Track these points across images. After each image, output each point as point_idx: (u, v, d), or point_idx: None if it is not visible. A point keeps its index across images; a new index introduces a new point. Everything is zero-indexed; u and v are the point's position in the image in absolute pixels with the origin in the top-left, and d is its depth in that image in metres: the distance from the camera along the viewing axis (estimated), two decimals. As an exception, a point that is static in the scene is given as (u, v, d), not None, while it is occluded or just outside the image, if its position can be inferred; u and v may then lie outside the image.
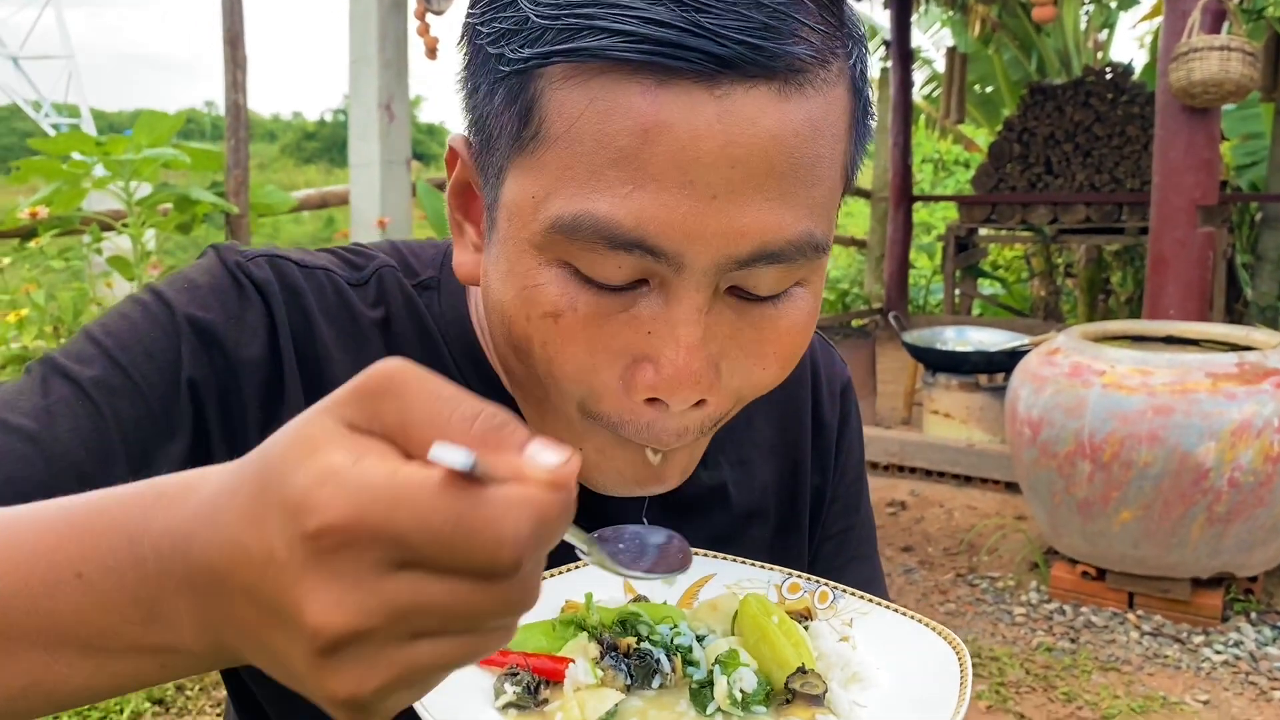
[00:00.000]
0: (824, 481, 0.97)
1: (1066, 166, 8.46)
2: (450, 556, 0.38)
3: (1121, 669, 3.25)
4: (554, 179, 0.61)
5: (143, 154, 4.04)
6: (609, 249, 0.61)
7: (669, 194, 0.59)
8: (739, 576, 0.80)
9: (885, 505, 4.56)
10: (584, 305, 0.63)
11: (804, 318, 0.69)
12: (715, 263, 0.62)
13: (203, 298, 0.74)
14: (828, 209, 0.66)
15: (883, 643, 0.72)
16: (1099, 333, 3.89)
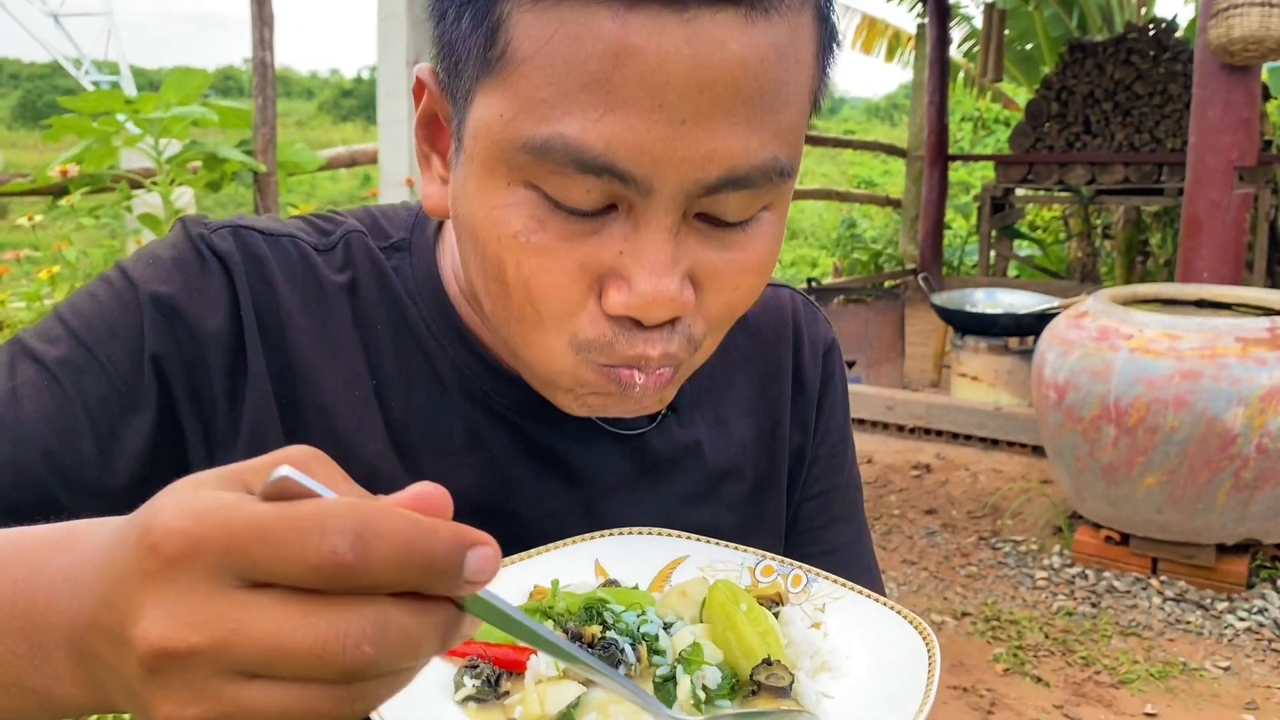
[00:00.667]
0: (804, 441, 0.97)
1: (1105, 126, 8.31)
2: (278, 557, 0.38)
3: (1142, 634, 3.24)
4: (523, 100, 0.61)
5: (172, 112, 4.06)
6: (578, 172, 0.61)
7: (639, 118, 0.59)
8: (713, 558, 0.79)
9: (910, 468, 4.55)
10: (553, 227, 0.64)
11: (770, 243, 0.69)
12: (684, 188, 0.62)
13: (165, 272, 0.75)
14: (794, 134, 0.66)
15: (854, 630, 0.71)
16: (1128, 296, 3.84)
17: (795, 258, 14.45)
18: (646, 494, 0.88)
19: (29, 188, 4.03)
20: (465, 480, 0.82)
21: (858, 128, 38.48)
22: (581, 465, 0.85)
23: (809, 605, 0.75)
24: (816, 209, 16.62)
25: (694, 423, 0.90)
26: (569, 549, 0.78)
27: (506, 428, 0.83)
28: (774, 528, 0.96)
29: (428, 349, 0.82)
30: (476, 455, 0.82)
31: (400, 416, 0.81)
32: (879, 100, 46.67)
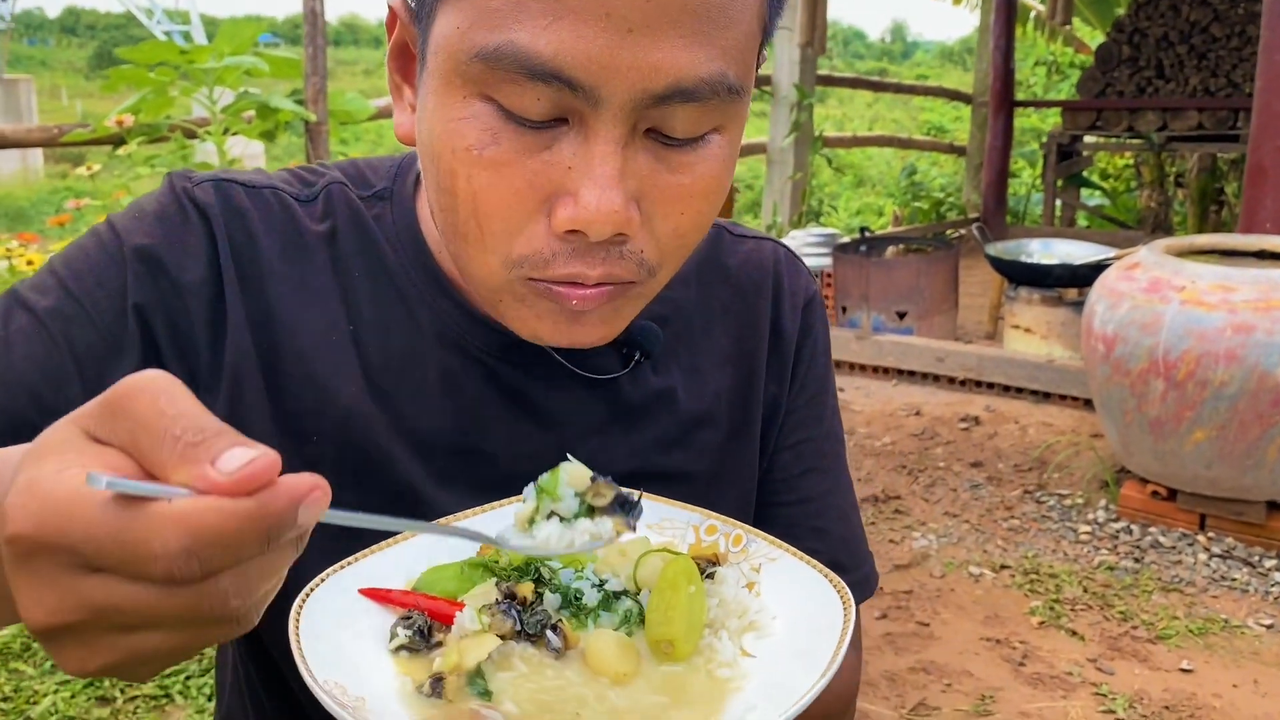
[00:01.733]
0: (780, 392, 0.98)
1: (1179, 70, 8.04)
2: (119, 566, 0.41)
3: (1184, 590, 3.20)
4: (478, 11, 0.63)
5: (225, 62, 4.12)
6: (528, 79, 0.63)
7: (587, 26, 0.61)
8: (661, 516, 0.81)
9: (958, 420, 4.51)
10: (506, 140, 0.66)
11: (719, 164, 0.70)
12: (631, 97, 0.64)
13: (149, 225, 0.79)
14: (743, 54, 0.67)
15: (785, 591, 0.73)
16: (1184, 247, 3.74)
17: (861, 205, 14.24)
18: (619, 438, 0.90)
19: (89, 137, 4.13)
20: (441, 422, 0.85)
21: (930, 72, 37.61)
22: (554, 408, 0.87)
23: (745, 565, 0.76)
24: (884, 156, 16.34)
25: (669, 370, 0.92)
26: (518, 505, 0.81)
27: (481, 371, 0.85)
28: (747, 474, 0.97)
29: (405, 294, 0.85)
30: (451, 398, 0.85)
31: (377, 360, 0.84)
32: (953, 44, 45.51)
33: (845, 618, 0.67)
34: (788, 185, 7.54)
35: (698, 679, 0.67)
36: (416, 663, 0.66)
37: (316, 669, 0.60)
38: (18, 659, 2.71)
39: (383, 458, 0.83)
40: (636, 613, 0.71)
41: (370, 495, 0.83)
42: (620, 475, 0.89)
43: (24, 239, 3.70)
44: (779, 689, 0.64)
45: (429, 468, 0.84)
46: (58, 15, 68.96)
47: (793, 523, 0.98)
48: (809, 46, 6.73)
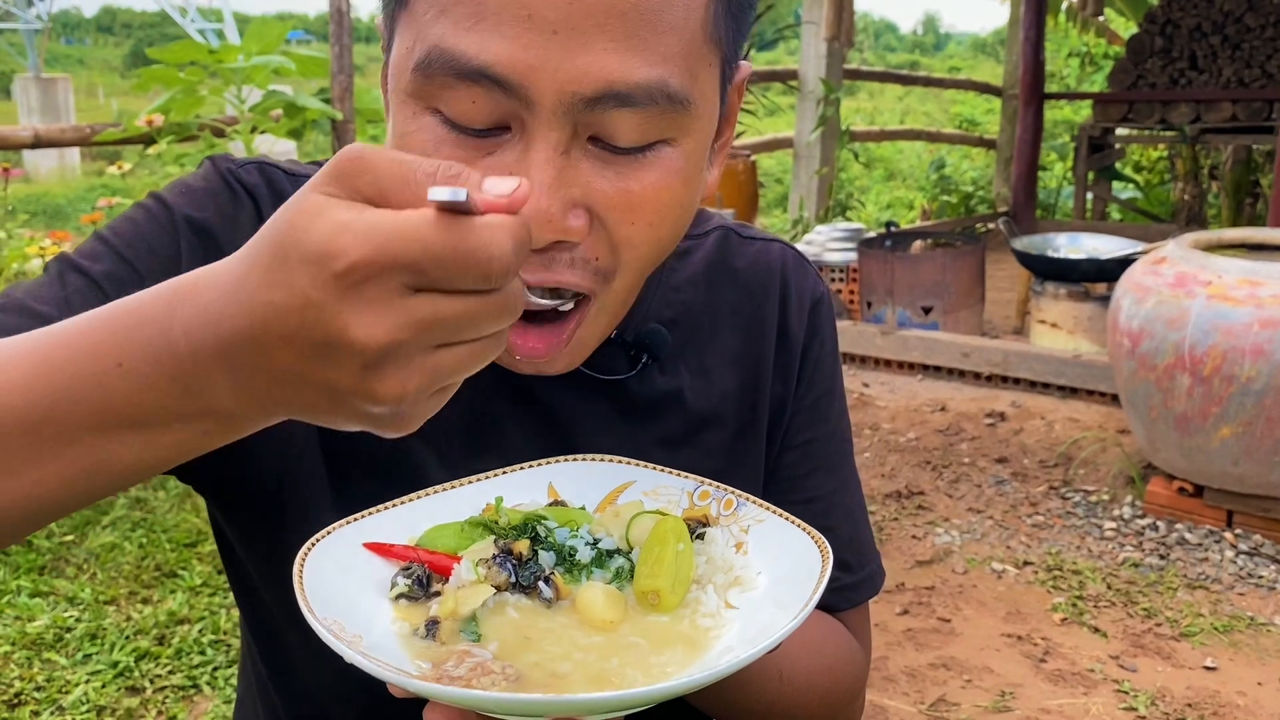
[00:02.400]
0: (787, 392, 0.98)
1: (1213, 61, 7.93)
2: (454, 277, 0.47)
3: (1210, 588, 3.18)
4: (416, 28, 0.66)
5: (252, 61, 4.17)
6: (457, 80, 0.65)
7: (509, 26, 0.63)
8: (657, 483, 0.83)
9: (984, 416, 4.49)
10: (448, 148, 0.68)
11: (670, 176, 0.71)
12: (561, 100, 0.65)
13: (199, 199, 0.82)
14: (686, 61, 0.67)
15: (770, 549, 0.76)
16: (1212, 241, 3.71)
17: (892, 199, 14.16)
18: (626, 437, 0.91)
19: (120, 137, 4.19)
20: (456, 420, 0.86)
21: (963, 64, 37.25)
22: (563, 408, 0.89)
23: (735, 527, 0.79)
24: (915, 150, 16.23)
25: (677, 371, 0.93)
26: (526, 472, 0.84)
27: (492, 369, 0.87)
28: (753, 475, 0.98)
29: None
30: (464, 390, 0.87)
31: None
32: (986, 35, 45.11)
33: (823, 568, 0.69)
34: (814, 180, 7.52)
35: (680, 627, 0.70)
36: (414, 610, 0.70)
37: (317, 608, 0.63)
38: (50, 649, 2.76)
39: (400, 452, 0.86)
40: (628, 569, 0.74)
41: (387, 485, 0.85)
42: None
43: (56, 236, 3.76)
44: (756, 634, 0.67)
45: (444, 462, 0.87)
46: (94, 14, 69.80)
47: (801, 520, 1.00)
48: (835, 40, 6.70)
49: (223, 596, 3.04)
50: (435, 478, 0.86)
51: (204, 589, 3.07)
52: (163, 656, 2.74)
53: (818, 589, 0.66)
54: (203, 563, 3.22)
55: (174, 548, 3.30)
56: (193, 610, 2.96)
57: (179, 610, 2.94)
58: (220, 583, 3.11)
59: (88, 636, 2.82)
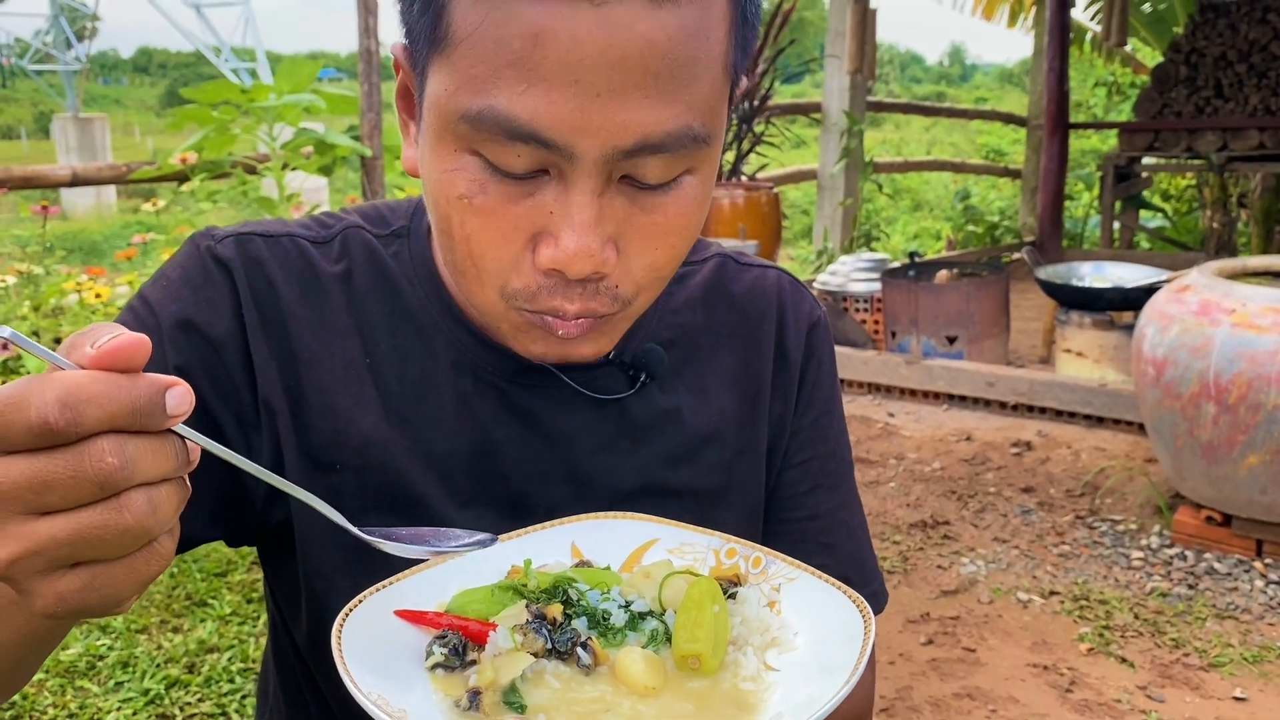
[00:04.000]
0: (786, 412, 1.01)
1: (1239, 89, 7.91)
2: (5, 427, 0.49)
3: (1240, 618, 3.15)
4: (462, 76, 0.69)
5: (284, 100, 4.26)
6: (508, 140, 0.68)
7: (557, 92, 0.67)
8: (681, 540, 0.84)
9: (1010, 446, 4.47)
10: (493, 189, 0.71)
11: (692, 204, 0.75)
12: (603, 153, 0.69)
13: (176, 291, 0.86)
14: (710, 104, 0.72)
15: (804, 608, 0.76)
16: (1236, 269, 3.70)
17: (918, 229, 14.15)
18: (627, 455, 0.94)
19: (155, 174, 4.29)
20: (456, 444, 0.90)
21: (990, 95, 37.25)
22: (563, 428, 0.92)
23: (765, 585, 0.79)
24: (941, 179, 16.24)
25: (675, 390, 0.96)
26: (548, 531, 0.84)
27: (494, 394, 0.90)
28: (752, 492, 1.01)
29: (421, 325, 0.90)
30: (466, 421, 0.90)
31: (395, 389, 0.89)
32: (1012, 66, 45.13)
33: (865, 631, 0.69)
34: (839, 211, 7.55)
35: (723, 689, 0.70)
36: (451, 680, 0.70)
37: (361, 682, 0.64)
38: (83, 677, 2.81)
39: (402, 480, 0.88)
40: (662, 632, 0.74)
41: (391, 516, 0.88)
42: (627, 491, 0.94)
43: (92, 272, 3.85)
44: (802, 699, 0.67)
45: (446, 487, 0.89)
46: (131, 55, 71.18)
47: (801, 539, 1.02)
48: (858, 74, 6.75)
49: (251, 625, 3.08)
50: (441, 508, 0.88)
51: (233, 618, 3.11)
52: (193, 684, 2.78)
53: (864, 653, 0.67)
54: (232, 592, 3.26)
55: (204, 577, 3.35)
56: (222, 639, 2.99)
57: (209, 639, 2.98)
58: (249, 612, 3.15)
59: (119, 665, 2.86)
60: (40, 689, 2.74)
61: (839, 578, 0.78)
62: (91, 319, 3.69)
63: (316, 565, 0.89)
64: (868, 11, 6.85)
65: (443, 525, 0.88)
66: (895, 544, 3.70)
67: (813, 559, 0.87)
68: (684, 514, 0.91)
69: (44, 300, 3.78)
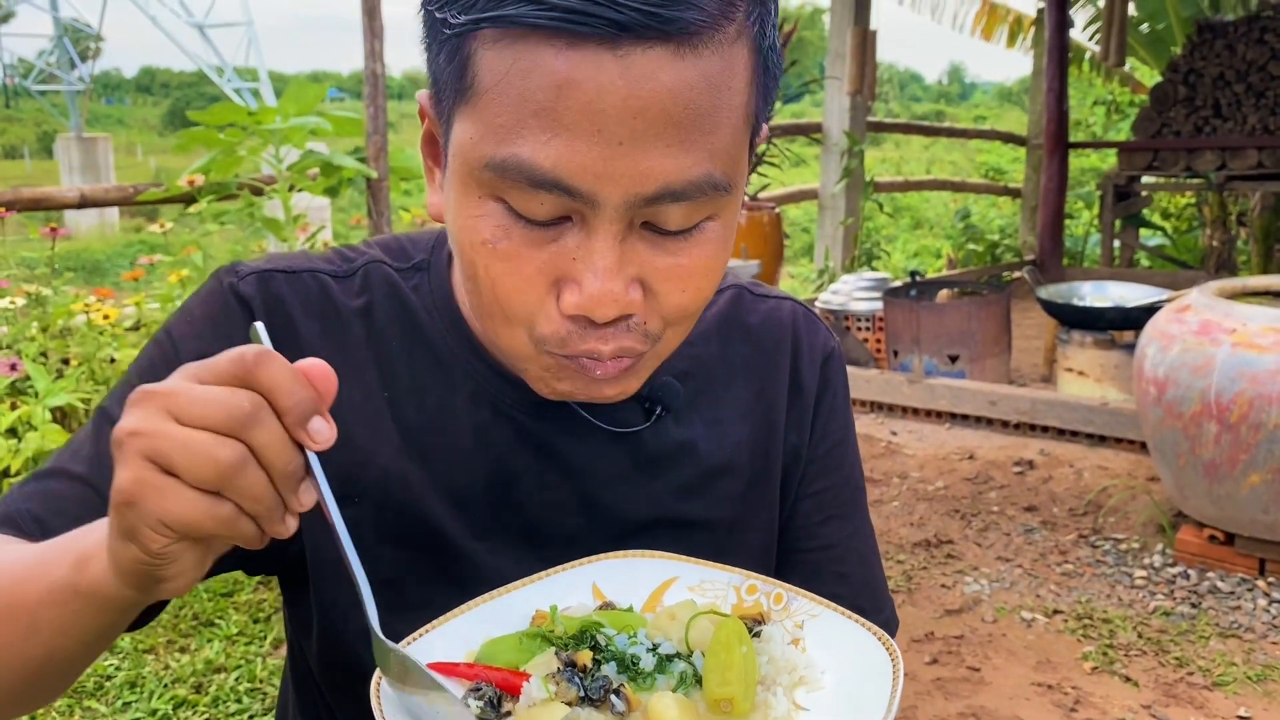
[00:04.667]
0: (801, 442, 1.03)
1: (1237, 109, 7.97)
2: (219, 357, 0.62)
3: (1243, 636, 3.16)
4: (487, 125, 0.71)
5: (290, 123, 4.30)
6: (532, 188, 0.70)
7: (580, 141, 0.68)
8: (702, 578, 0.85)
9: (1012, 465, 4.49)
10: (517, 235, 0.73)
11: (714, 249, 0.77)
12: (625, 200, 0.70)
13: (198, 328, 0.89)
14: (731, 153, 0.73)
15: (829, 646, 0.77)
16: (1236, 289, 3.72)
17: (919, 248, 14.21)
18: (642, 487, 0.95)
19: (162, 196, 4.32)
20: (474, 475, 0.91)
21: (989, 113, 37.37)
22: (579, 460, 0.93)
23: (789, 622, 0.80)
24: (942, 198, 16.30)
25: (691, 422, 0.97)
26: (569, 573, 0.85)
27: (511, 426, 0.92)
28: (767, 522, 1.02)
29: (440, 357, 0.92)
30: (484, 453, 0.92)
31: (413, 421, 0.91)
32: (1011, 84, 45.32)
33: (895, 670, 0.71)
34: (840, 230, 7.59)
35: None
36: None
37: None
38: (91, 697, 2.82)
39: (420, 512, 0.89)
40: (691, 674, 0.74)
41: (409, 549, 0.90)
42: (642, 521, 0.95)
43: (100, 294, 3.88)
44: None
45: (463, 519, 0.90)
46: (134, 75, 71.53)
47: (816, 568, 1.03)
48: (858, 94, 6.80)
49: (258, 645, 3.09)
50: (458, 539, 0.90)
51: (240, 638, 3.13)
52: (200, 704, 2.79)
53: (895, 693, 0.68)
54: (239, 612, 3.27)
55: (211, 597, 3.36)
56: (229, 659, 3.00)
57: (216, 659, 2.99)
58: (256, 632, 3.16)
59: (127, 685, 2.87)
60: (48, 710, 2.75)
61: (853, 606, 0.80)
62: (99, 340, 3.72)
63: (332, 598, 0.90)
64: (868, 34, 6.90)
65: (460, 556, 0.90)
66: (899, 563, 3.72)
67: (827, 587, 0.88)
68: (698, 544, 0.92)
69: (52, 321, 3.81)
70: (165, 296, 4.12)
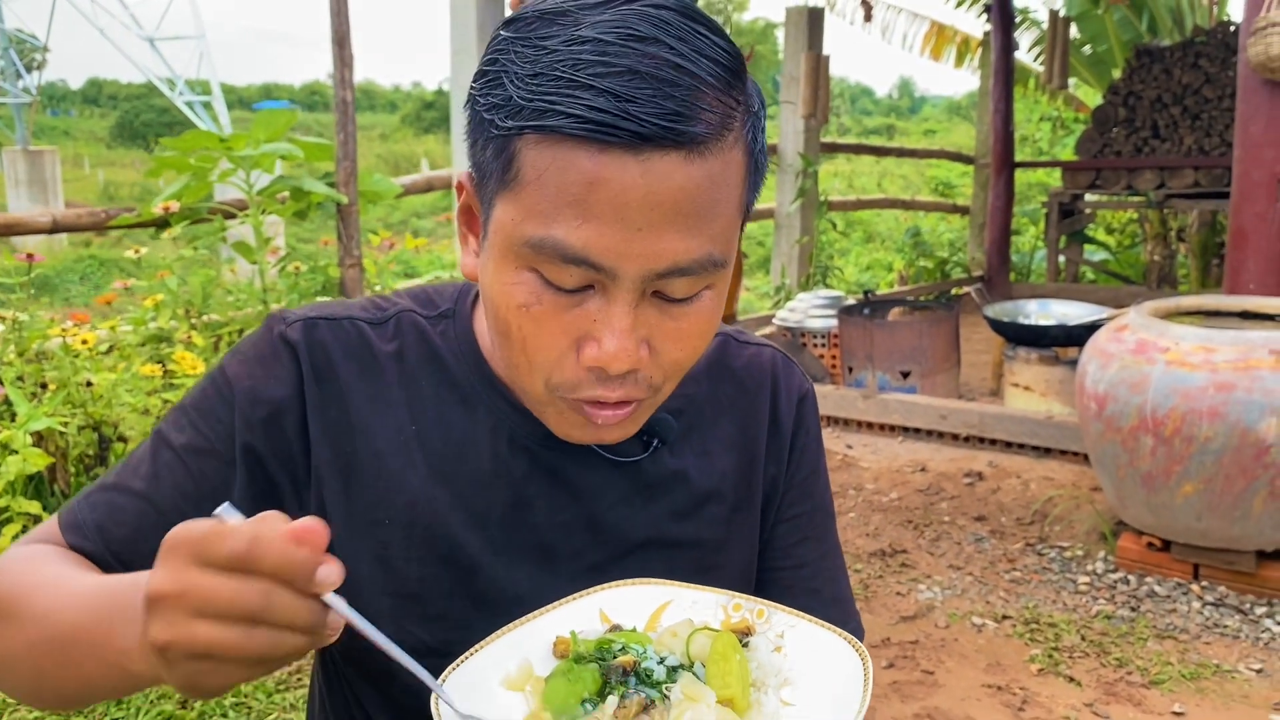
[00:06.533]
0: (779, 473, 1.17)
1: (1174, 130, 8.29)
2: (215, 555, 0.68)
3: (1178, 637, 3.35)
4: (528, 210, 0.85)
5: (261, 149, 4.40)
6: (564, 263, 0.84)
7: (606, 226, 0.83)
8: (694, 599, 0.98)
9: (962, 476, 4.68)
10: (547, 301, 0.87)
11: (708, 313, 0.92)
12: (640, 274, 0.85)
13: (250, 367, 1.02)
14: (726, 235, 0.89)
15: (808, 651, 0.91)
16: (1171, 309, 3.94)
17: (870, 261, 14.48)
18: (640, 510, 1.09)
19: (135, 221, 4.40)
20: (493, 499, 1.05)
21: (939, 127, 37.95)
22: (586, 485, 1.07)
23: (771, 633, 0.94)
24: (893, 212, 16.60)
25: (683, 454, 1.12)
26: (577, 603, 0.97)
27: (527, 456, 1.06)
28: (749, 542, 1.17)
29: (465, 395, 1.05)
30: (502, 479, 1.06)
31: (439, 451, 1.04)
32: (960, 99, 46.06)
33: (865, 670, 0.84)
34: (795, 248, 7.78)
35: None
36: None
37: None
38: (77, 715, 2.90)
39: (445, 532, 1.03)
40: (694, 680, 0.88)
41: (433, 565, 1.03)
42: (639, 541, 1.10)
43: (76, 318, 3.95)
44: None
45: (483, 537, 1.04)
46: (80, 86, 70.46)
47: (791, 584, 1.18)
48: (812, 118, 7.00)
49: (241, 661, 3.18)
50: (478, 555, 1.03)
51: (222, 654, 3.21)
52: (186, 719, 2.87)
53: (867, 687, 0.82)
54: (219, 629, 3.36)
55: (191, 615, 3.44)
56: (213, 675, 3.09)
57: (200, 675, 3.08)
58: (238, 648, 3.24)
59: (113, 703, 2.95)
60: (37, 727, 2.83)
61: (824, 618, 0.94)
62: (75, 364, 3.79)
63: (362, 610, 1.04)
64: (821, 59, 7.12)
65: (479, 570, 1.04)
66: (856, 572, 3.88)
67: (800, 601, 1.02)
68: (688, 563, 1.07)
69: (27, 345, 3.87)
70: (139, 320, 4.19)
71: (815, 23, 7.89)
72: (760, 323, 6.36)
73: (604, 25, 0.82)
